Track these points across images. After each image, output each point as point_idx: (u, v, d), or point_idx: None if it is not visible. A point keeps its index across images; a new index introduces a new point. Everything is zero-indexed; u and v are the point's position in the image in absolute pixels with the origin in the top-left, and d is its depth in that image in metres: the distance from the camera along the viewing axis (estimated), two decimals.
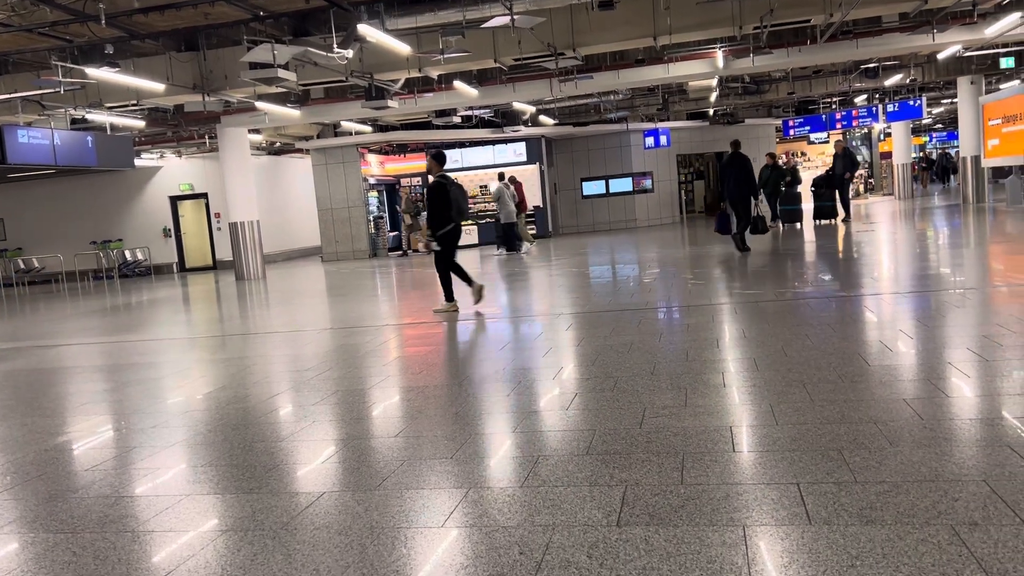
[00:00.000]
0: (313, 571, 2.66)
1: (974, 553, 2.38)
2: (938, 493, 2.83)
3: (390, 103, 13.88)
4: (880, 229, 15.36)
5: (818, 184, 18.41)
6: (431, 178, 8.76)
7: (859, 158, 20.66)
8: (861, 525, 2.63)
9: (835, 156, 18.52)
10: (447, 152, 22.18)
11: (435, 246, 8.71)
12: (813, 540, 2.56)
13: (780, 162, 19.85)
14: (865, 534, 2.56)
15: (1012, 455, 3.13)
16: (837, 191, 18.13)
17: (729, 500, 2.94)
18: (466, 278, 8.86)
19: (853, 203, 26.30)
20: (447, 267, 8.75)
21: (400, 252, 21.60)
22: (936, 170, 38.51)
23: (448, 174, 8.83)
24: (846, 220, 17.86)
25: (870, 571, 2.33)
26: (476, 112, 20.06)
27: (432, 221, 8.65)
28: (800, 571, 2.37)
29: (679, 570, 2.44)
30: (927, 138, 45.68)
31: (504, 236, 18.19)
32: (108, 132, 15.55)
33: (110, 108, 14.28)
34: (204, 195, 22.68)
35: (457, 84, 14.85)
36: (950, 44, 15.08)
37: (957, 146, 27.81)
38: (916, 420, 3.66)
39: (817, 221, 18.04)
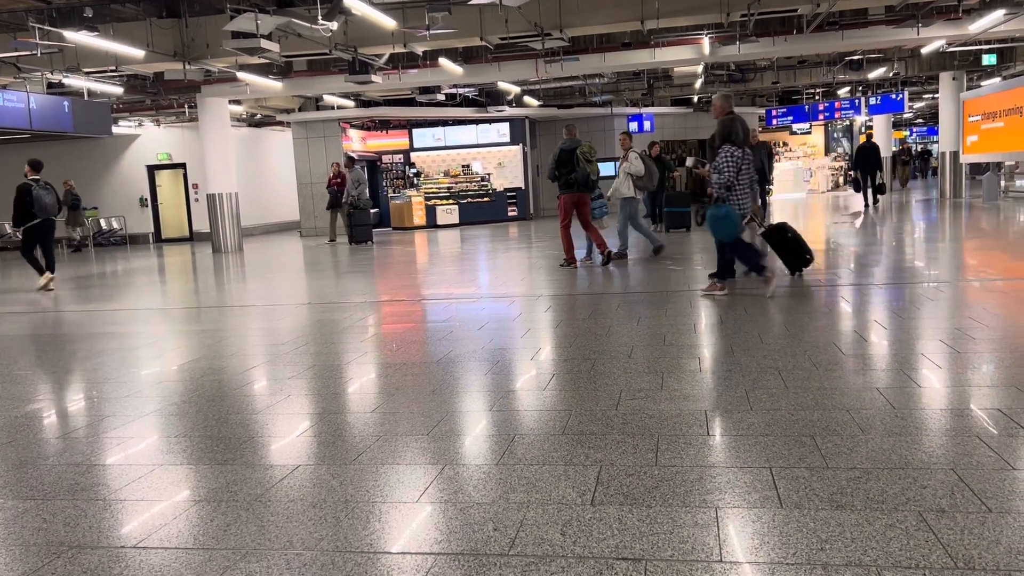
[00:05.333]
0: (286, 543, 2.65)
1: (940, 539, 2.42)
2: (907, 480, 2.88)
3: (374, 78, 13.74)
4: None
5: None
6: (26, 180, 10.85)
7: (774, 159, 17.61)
8: (831, 510, 2.67)
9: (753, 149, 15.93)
10: (431, 129, 22.27)
11: (18, 234, 10.95)
12: (784, 523, 2.59)
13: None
14: (835, 518, 2.60)
15: (980, 445, 3.18)
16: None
17: (702, 482, 2.97)
18: (40, 269, 10.89)
19: (828, 195, 26.53)
20: (26, 252, 10.99)
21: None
22: (917, 165, 38.31)
23: (40, 179, 10.98)
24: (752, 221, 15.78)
25: (839, 554, 2.37)
26: (460, 90, 19.93)
27: (17, 216, 10.79)
28: (770, 553, 2.40)
29: (652, 549, 2.47)
30: (908, 132, 46.08)
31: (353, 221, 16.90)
32: (85, 98, 15.28)
33: (88, 73, 14.02)
34: (182, 165, 22.39)
35: (442, 61, 14.73)
36: (934, 39, 15.19)
37: (936, 141, 28.08)
38: (888, 409, 3.71)
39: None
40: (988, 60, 19.22)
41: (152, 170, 22.63)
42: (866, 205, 18.67)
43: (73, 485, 3.30)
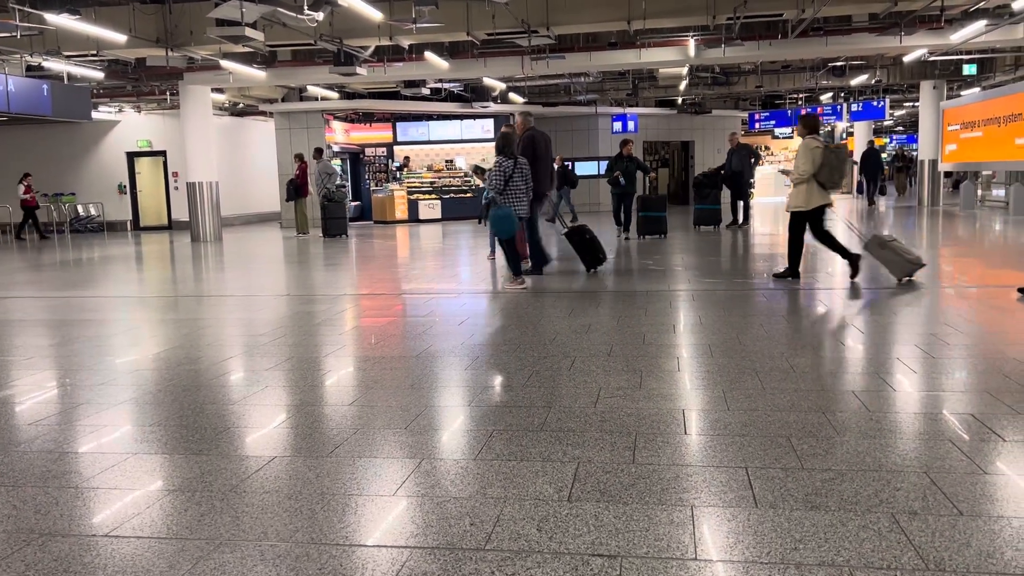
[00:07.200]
0: (261, 534, 2.64)
1: (912, 540, 2.45)
2: (881, 482, 2.90)
3: (359, 70, 13.68)
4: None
5: (700, 184, 15.20)
6: None
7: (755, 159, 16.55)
8: (805, 510, 2.69)
9: (729, 152, 15.72)
10: (415, 123, 22.16)
11: None
12: (759, 522, 2.61)
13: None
14: (809, 519, 2.62)
15: (952, 449, 3.22)
16: (732, 193, 15.69)
17: (679, 481, 2.98)
18: None
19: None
20: None
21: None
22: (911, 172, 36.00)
23: None
24: (733, 226, 15.36)
25: (812, 554, 2.38)
26: (446, 85, 19.89)
27: None
28: (745, 552, 2.42)
29: (627, 546, 2.47)
30: (888, 139, 46.50)
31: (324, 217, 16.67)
32: (65, 82, 15.09)
33: (68, 57, 13.85)
34: (162, 153, 22.17)
35: (428, 55, 14.68)
36: (916, 47, 15.35)
37: (916, 149, 28.39)
38: (863, 412, 3.74)
39: (698, 228, 15.29)
40: (968, 70, 19.45)
41: (132, 157, 22.39)
42: (870, 204, 21.42)
43: (44, 472, 3.26)
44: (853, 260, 7.94)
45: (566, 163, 17.98)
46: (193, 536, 2.63)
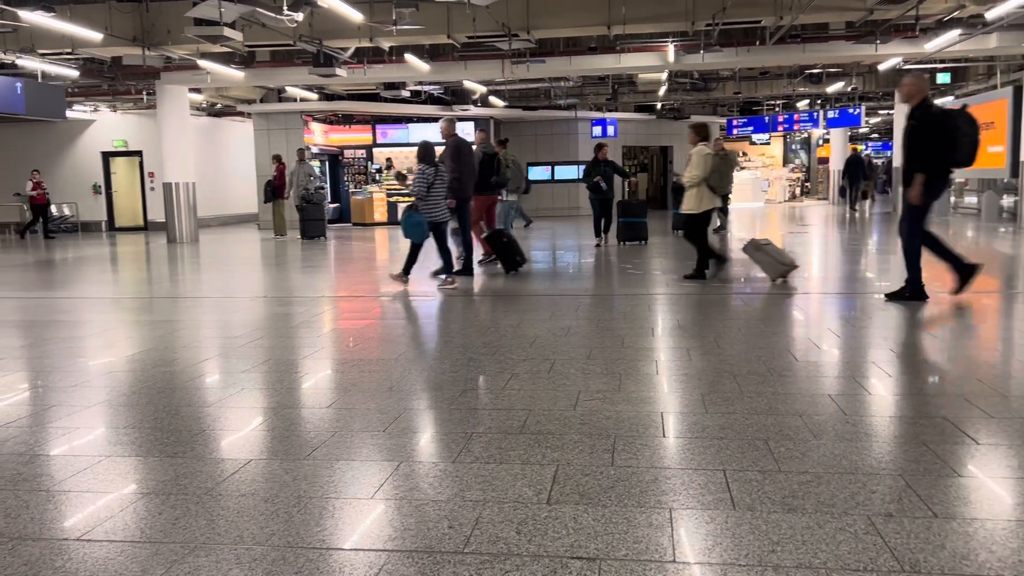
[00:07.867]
0: (237, 537, 2.61)
1: (888, 543, 2.47)
2: (857, 485, 2.93)
3: (339, 71, 13.62)
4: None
5: (679, 189, 14.53)
6: None
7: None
8: (783, 512, 2.70)
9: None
10: (395, 125, 22.06)
11: None
12: (736, 525, 2.62)
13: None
14: (786, 521, 2.63)
15: (927, 452, 3.25)
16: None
17: (657, 483, 2.99)
18: None
19: (785, 205, 27.00)
20: None
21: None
22: (883, 179, 34.49)
23: None
24: (719, 230, 15.01)
25: (789, 556, 2.40)
26: (426, 88, 19.86)
27: None
28: (723, 554, 2.43)
29: (606, 548, 2.47)
30: (863, 146, 47.06)
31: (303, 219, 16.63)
32: (39, 80, 14.88)
33: (43, 55, 13.67)
34: (138, 153, 21.93)
35: (408, 57, 14.65)
36: (891, 56, 15.54)
37: (890, 156, 28.74)
38: (839, 415, 3.77)
39: (676, 232, 14.99)
40: (942, 79, 19.72)
41: (107, 157, 22.12)
42: (852, 209, 21.68)
43: (15, 475, 3.20)
44: (701, 270, 8.65)
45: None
46: (167, 540, 2.60)
